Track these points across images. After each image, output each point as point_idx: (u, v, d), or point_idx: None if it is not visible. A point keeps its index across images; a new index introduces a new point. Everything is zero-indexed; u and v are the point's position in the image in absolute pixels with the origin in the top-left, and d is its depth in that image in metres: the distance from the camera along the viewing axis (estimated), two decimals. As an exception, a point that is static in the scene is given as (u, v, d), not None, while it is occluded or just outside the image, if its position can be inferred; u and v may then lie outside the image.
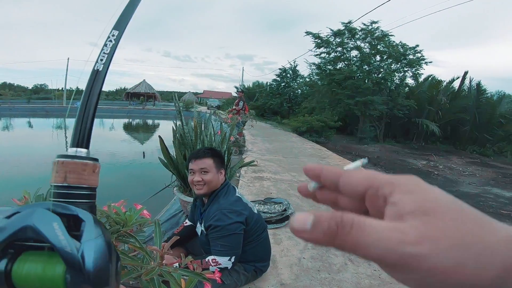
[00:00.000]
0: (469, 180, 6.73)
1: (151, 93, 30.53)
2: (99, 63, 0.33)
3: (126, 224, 0.78)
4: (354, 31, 12.08)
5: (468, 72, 13.08)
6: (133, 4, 0.41)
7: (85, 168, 0.30)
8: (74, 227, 0.26)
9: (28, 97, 34.23)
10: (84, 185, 0.30)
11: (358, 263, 2.13)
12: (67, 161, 0.30)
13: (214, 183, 1.54)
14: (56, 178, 0.29)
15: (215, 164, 1.54)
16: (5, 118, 17.73)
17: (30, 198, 0.71)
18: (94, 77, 0.33)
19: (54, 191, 0.29)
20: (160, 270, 0.48)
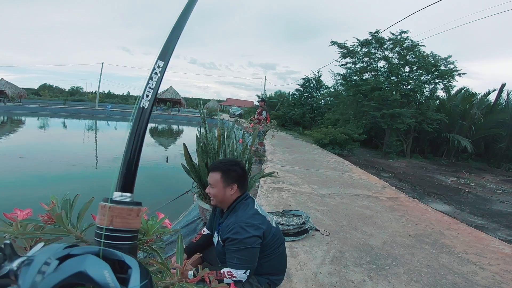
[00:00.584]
0: (503, 198, 6.31)
1: (177, 99, 31.46)
2: (145, 100, 0.34)
3: (147, 233, 0.82)
4: (381, 41, 11.81)
5: (506, 84, 12.37)
6: (177, 32, 0.41)
7: (130, 213, 0.33)
8: (120, 269, 0.28)
9: (64, 98, 36.39)
10: (128, 228, 0.32)
11: (377, 280, 2.06)
12: (113, 206, 0.32)
13: (219, 198, 1.55)
14: (103, 221, 0.32)
15: (223, 179, 1.54)
16: (43, 117, 19.00)
17: (57, 203, 0.76)
18: (140, 115, 0.35)
19: (101, 232, 0.31)
20: (179, 286, 0.51)
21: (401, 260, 2.43)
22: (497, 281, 2.21)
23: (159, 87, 0.33)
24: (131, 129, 0.33)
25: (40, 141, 10.51)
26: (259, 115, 7.59)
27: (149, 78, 0.34)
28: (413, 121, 11.29)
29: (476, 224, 4.17)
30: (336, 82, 15.16)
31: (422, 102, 12.31)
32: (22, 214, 0.73)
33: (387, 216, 3.59)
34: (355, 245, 2.64)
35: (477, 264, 2.48)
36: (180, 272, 0.54)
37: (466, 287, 2.09)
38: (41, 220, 0.64)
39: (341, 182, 5.31)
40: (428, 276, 2.20)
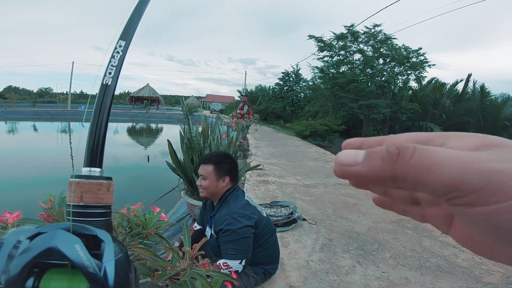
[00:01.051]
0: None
1: (154, 97, 30.77)
2: (108, 77, 0.33)
3: (146, 227, 0.81)
4: (356, 35, 12.08)
5: (471, 74, 13.03)
6: (139, 12, 0.40)
7: (100, 188, 0.32)
8: (94, 246, 0.26)
9: (33, 100, 34.51)
10: (100, 203, 0.31)
11: (367, 265, 2.13)
12: (82, 181, 0.31)
13: (211, 189, 1.56)
14: (73, 198, 0.30)
15: (216, 171, 1.55)
16: (10, 121, 17.92)
17: (56, 200, 0.73)
18: (103, 91, 0.34)
19: (72, 210, 0.30)
20: (191, 271, 0.50)
21: (386, 245, 2.52)
22: (477, 262, 2.34)
23: (121, 66, 0.33)
24: (96, 105, 0.33)
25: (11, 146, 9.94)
26: (241, 110, 7.57)
27: (111, 57, 0.33)
28: (388, 111, 11.71)
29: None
30: (315, 75, 15.36)
31: (396, 92, 12.76)
32: (12, 216, 0.69)
33: (369, 203, 3.71)
34: (342, 232, 2.72)
35: (456, 246, 2.62)
36: (190, 256, 0.53)
37: (449, 269, 2.21)
38: (41, 219, 0.61)
39: (324, 172, 5.42)
40: (413, 259, 2.30)
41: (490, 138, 0.16)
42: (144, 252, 0.61)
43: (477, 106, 12.10)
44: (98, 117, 0.33)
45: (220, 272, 0.54)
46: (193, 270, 0.50)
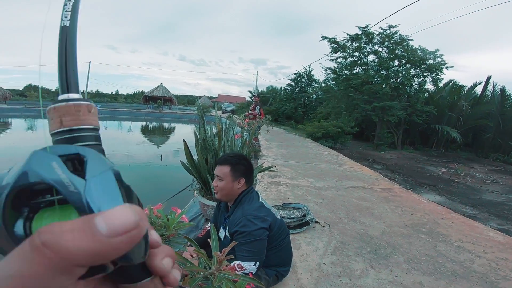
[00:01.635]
0: (492, 188, 6.50)
1: (167, 97, 31.09)
2: (65, 20, 0.31)
3: (168, 228, 0.83)
4: (371, 36, 11.92)
5: (491, 76, 12.70)
6: None
7: (79, 109, 0.29)
8: (79, 167, 0.23)
9: (51, 99, 35.24)
10: (83, 125, 0.28)
11: (379, 269, 2.12)
12: (58, 106, 0.28)
13: (226, 191, 1.57)
14: (52, 126, 0.28)
15: (232, 172, 1.56)
16: (30, 119, 18.54)
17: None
18: (64, 34, 0.32)
19: (53, 139, 0.27)
20: (221, 276, 0.51)
21: (400, 249, 2.49)
22: (494, 268, 2.29)
23: (77, 10, 0.31)
24: (59, 45, 0.30)
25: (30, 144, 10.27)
26: (253, 111, 7.60)
27: (64, 4, 0.32)
28: (403, 114, 11.48)
29: (468, 214, 4.29)
30: (327, 77, 15.25)
31: (411, 94, 12.53)
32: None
33: (382, 207, 3.67)
34: (355, 236, 2.70)
35: (472, 252, 2.56)
36: (218, 261, 0.55)
37: (464, 274, 2.17)
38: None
39: (336, 174, 5.38)
40: (427, 264, 2.27)
41: None
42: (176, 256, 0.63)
43: (496, 109, 11.76)
44: (65, 41, 0.31)
45: (245, 277, 0.55)
46: (221, 274, 0.51)
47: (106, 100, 45.99)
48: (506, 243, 2.85)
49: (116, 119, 21.63)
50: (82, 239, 0.17)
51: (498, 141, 11.85)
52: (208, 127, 2.92)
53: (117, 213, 0.19)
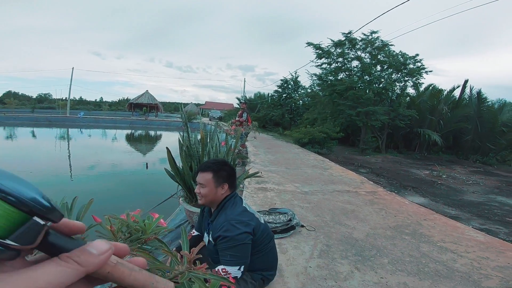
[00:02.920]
0: (473, 189, 6.71)
1: (153, 104, 30.81)
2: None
3: (145, 232, 0.83)
4: (354, 41, 12.22)
5: (468, 80, 13.18)
6: None
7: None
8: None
9: (32, 106, 34.50)
10: None
11: (365, 271, 2.14)
12: None
13: (210, 197, 1.57)
14: None
15: (215, 179, 1.56)
16: (9, 127, 17.93)
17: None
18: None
19: None
20: (189, 274, 0.52)
21: (384, 251, 2.53)
22: (475, 267, 2.35)
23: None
24: None
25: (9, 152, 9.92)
26: (240, 117, 7.61)
27: None
28: (386, 118, 11.78)
29: (451, 215, 4.41)
30: (313, 83, 15.49)
31: (393, 99, 12.88)
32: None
33: (367, 210, 3.72)
34: (340, 239, 2.73)
35: (455, 252, 2.63)
36: (188, 260, 0.55)
37: (447, 273, 2.22)
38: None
39: (322, 179, 5.43)
40: (411, 265, 2.31)
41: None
42: (143, 255, 0.63)
43: (474, 112, 12.19)
44: None
45: (217, 276, 0.56)
46: (191, 273, 0.52)
47: (90, 107, 44.97)
48: (487, 242, 2.93)
49: (100, 127, 21.23)
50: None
51: (477, 143, 12.28)
52: (192, 134, 2.91)
53: (98, 243, 0.28)
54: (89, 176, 6.88)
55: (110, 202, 4.89)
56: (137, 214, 0.88)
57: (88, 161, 8.67)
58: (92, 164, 8.23)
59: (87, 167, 7.83)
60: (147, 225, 0.83)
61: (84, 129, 20.10)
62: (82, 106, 46.94)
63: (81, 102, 61.11)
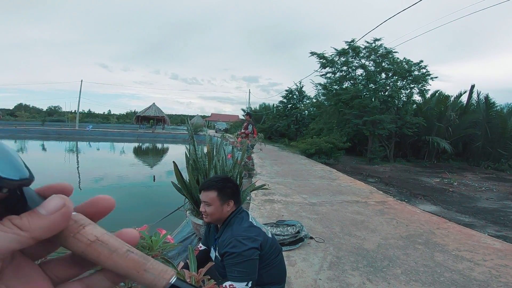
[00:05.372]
0: (486, 195, 6.55)
1: (160, 117, 31.20)
2: None
3: (151, 249, 0.82)
4: (358, 50, 12.22)
5: (475, 85, 13.04)
6: None
7: None
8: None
9: (42, 119, 35.32)
10: None
11: (377, 282, 2.08)
12: None
13: (216, 215, 1.55)
14: None
15: (220, 197, 1.55)
16: (20, 140, 18.28)
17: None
18: None
19: None
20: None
21: (397, 261, 2.46)
22: (494, 275, 2.27)
23: None
24: None
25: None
26: (246, 129, 7.63)
27: None
28: (393, 126, 11.64)
29: (465, 222, 4.29)
30: (318, 92, 15.48)
31: (400, 107, 12.75)
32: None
33: (378, 220, 3.65)
34: (351, 250, 2.67)
35: (471, 260, 2.55)
36: (195, 280, 0.54)
37: (464, 283, 2.14)
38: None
39: (330, 190, 5.37)
40: (426, 275, 2.24)
41: None
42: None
43: (483, 118, 12.00)
44: None
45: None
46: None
47: (98, 120, 45.76)
48: (504, 249, 2.84)
49: (108, 140, 21.50)
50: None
51: (487, 149, 12.03)
52: (199, 147, 2.92)
53: (51, 199, 0.24)
54: (97, 188, 6.93)
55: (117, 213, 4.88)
56: (143, 231, 0.87)
57: (97, 174, 8.75)
58: (100, 177, 8.31)
59: (95, 179, 7.90)
60: (154, 241, 0.82)
61: (93, 142, 20.38)
62: (91, 119, 47.83)
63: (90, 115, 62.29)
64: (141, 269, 0.25)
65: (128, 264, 0.25)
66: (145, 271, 0.25)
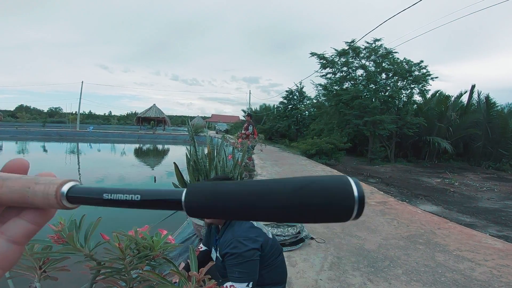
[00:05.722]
0: (487, 195, 6.54)
1: (161, 118, 31.17)
2: None
3: (153, 249, 0.82)
4: (358, 50, 12.23)
5: (475, 85, 13.03)
6: None
7: None
8: None
9: (43, 120, 35.27)
10: None
11: (378, 282, 2.08)
12: None
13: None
14: None
15: None
16: (21, 141, 18.30)
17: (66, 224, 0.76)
18: None
19: None
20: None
21: (398, 261, 2.46)
22: (495, 275, 2.27)
23: None
24: None
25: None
26: (246, 130, 7.64)
27: None
28: (394, 127, 11.63)
29: (466, 222, 4.29)
30: (318, 93, 15.50)
31: (400, 107, 12.74)
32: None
33: (378, 220, 3.65)
34: (351, 250, 2.67)
35: (472, 260, 2.55)
36: (196, 280, 0.55)
37: (466, 283, 2.14)
38: (52, 241, 0.64)
39: (331, 190, 5.36)
40: (427, 275, 2.24)
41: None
42: (151, 274, 0.62)
43: (483, 118, 11.99)
44: None
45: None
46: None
47: (99, 121, 45.77)
48: (506, 249, 2.84)
49: (109, 141, 21.50)
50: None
51: (488, 149, 12.02)
52: (199, 148, 2.92)
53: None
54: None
55: (118, 214, 4.91)
56: (145, 231, 0.88)
57: (97, 175, 8.76)
58: (101, 178, 8.32)
59: (96, 180, 7.91)
60: (155, 242, 0.83)
61: (93, 143, 20.40)
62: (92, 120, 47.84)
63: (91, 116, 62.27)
64: (32, 183, 0.26)
65: (21, 183, 0.26)
66: (36, 183, 0.26)
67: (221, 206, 0.23)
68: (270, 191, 0.23)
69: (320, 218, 0.22)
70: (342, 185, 0.22)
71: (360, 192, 0.22)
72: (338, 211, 0.22)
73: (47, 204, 0.26)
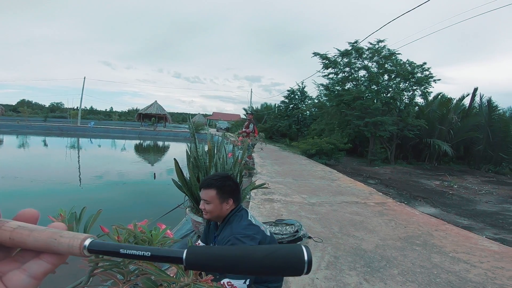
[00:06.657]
0: (486, 198, 6.55)
1: (162, 115, 31.17)
2: None
3: (151, 242, 0.84)
4: (361, 51, 12.20)
5: (478, 88, 12.99)
6: None
7: None
8: None
9: (45, 115, 35.36)
10: None
11: (373, 282, 2.10)
12: None
13: (215, 213, 1.57)
14: None
15: (219, 195, 1.56)
16: (22, 135, 18.36)
17: (66, 215, 0.78)
18: None
19: None
20: (195, 286, 0.53)
21: (394, 262, 2.48)
22: (490, 277, 2.29)
23: None
24: None
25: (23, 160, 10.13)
26: (247, 128, 7.65)
27: None
28: (395, 128, 11.62)
29: (463, 225, 4.30)
30: (320, 93, 15.46)
31: (402, 109, 12.72)
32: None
33: (376, 221, 3.67)
34: (349, 250, 2.68)
35: (468, 262, 2.56)
36: (194, 272, 0.56)
37: (460, 284, 2.16)
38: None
39: (330, 190, 5.39)
40: (422, 276, 2.26)
41: None
42: (150, 266, 0.64)
43: (485, 121, 11.96)
44: None
45: None
46: (196, 285, 0.53)
47: (100, 117, 45.78)
48: (501, 252, 2.86)
49: (110, 137, 21.53)
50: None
51: (489, 153, 12.00)
52: (200, 145, 2.94)
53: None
54: (98, 185, 6.97)
55: (118, 210, 4.93)
56: (144, 225, 0.90)
57: (98, 170, 8.78)
58: (101, 173, 8.34)
59: (96, 176, 7.93)
60: (153, 235, 0.84)
61: (94, 138, 20.43)
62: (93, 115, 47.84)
63: (92, 111, 62.21)
64: (58, 236, 0.30)
65: (46, 235, 0.30)
66: (61, 236, 0.30)
67: (210, 265, 0.31)
68: (247, 255, 0.31)
69: (281, 273, 0.31)
70: (298, 253, 0.31)
71: (309, 257, 0.30)
72: (293, 269, 0.30)
73: (69, 252, 0.31)
